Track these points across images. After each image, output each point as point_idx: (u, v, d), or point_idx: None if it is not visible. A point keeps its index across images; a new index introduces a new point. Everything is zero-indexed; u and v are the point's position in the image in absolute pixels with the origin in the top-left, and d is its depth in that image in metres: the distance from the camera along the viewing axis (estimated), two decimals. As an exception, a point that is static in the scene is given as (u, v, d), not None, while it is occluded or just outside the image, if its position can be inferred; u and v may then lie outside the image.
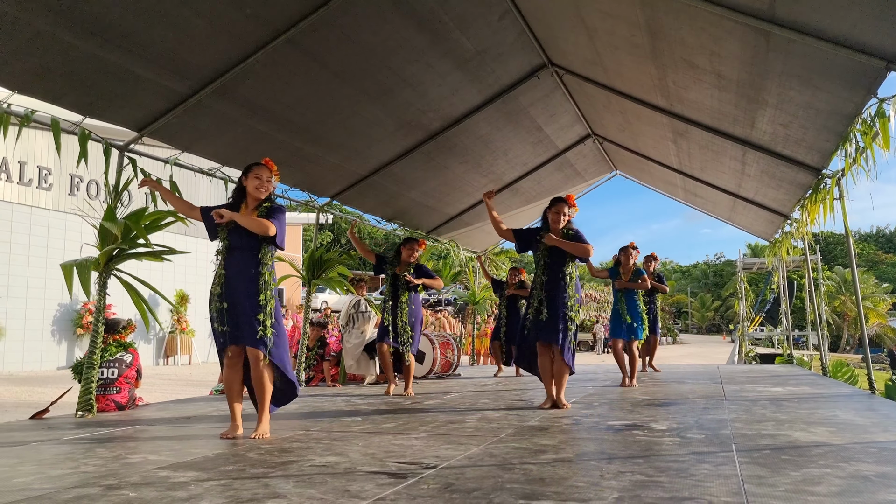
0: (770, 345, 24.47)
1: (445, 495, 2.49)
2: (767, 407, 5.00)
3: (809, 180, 6.74)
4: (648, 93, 6.84)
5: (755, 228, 10.82)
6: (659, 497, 2.40)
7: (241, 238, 4.07)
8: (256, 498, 2.51)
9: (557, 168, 10.39)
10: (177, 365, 17.73)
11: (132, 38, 4.79)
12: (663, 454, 3.24)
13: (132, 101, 5.53)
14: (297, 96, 6.26)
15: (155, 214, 5.55)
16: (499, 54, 6.83)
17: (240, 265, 4.05)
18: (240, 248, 4.07)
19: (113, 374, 5.94)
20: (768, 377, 8.11)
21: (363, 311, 8.29)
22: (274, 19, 5.21)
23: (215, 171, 7.00)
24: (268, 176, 4.19)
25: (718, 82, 5.66)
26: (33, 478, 2.99)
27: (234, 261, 4.07)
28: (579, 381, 8.09)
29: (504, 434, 3.96)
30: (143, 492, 2.65)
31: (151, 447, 3.88)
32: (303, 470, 3.02)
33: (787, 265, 14.45)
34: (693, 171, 8.89)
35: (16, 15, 4.24)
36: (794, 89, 5.08)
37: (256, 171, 4.18)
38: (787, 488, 2.50)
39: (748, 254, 46.17)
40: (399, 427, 4.37)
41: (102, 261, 5.40)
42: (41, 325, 14.92)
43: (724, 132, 6.74)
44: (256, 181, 4.14)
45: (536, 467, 2.97)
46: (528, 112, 8.26)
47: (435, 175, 8.98)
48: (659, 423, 4.23)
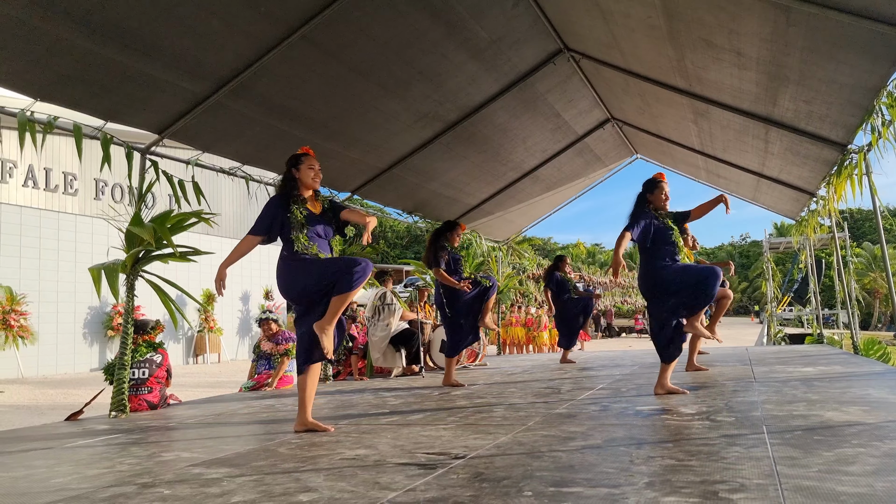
0: (799, 325, 24.15)
1: (475, 485, 2.50)
2: (798, 387, 4.95)
3: (835, 156, 6.62)
4: (667, 74, 6.76)
5: (780, 207, 10.66)
6: (690, 481, 2.38)
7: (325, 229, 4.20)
8: (288, 492, 2.54)
9: (577, 154, 10.32)
10: (206, 363, 17.95)
11: (150, 41, 4.84)
12: (693, 438, 3.21)
13: (152, 105, 5.59)
14: (314, 93, 6.28)
15: (179, 216, 5.62)
16: (514, 42, 6.79)
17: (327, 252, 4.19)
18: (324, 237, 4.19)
19: (144, 375, 6.04)
20: (798, 357, 8.01)
21: (389, 304, 8.32)
22: (288, 17, 5.23)
23: (236, 169, 7.06)
24: (318, 165, 4.26)
25: (738, 60, 5.58)
26: (70, 478, 3.06)
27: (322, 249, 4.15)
28: (606, 367, 8.06)
29: (532, 422, 3.96)
30: (178, 489, 2.70)
31: (184, 445, 3.94)
32: (333, 463, 3.04)
33: (815, 243, 14.24)
34: (715, 151, 8.78)
35: (35, 24, 4.29)
36: (816, 64, 4.99)
37: (309, 161, 4.23)
38: (820, 469, 2.47)
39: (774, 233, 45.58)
40: (427, 418, 4.39)
41: (129, 263, 5.48)
42: (73, 328, 15.18)
43: (746, 111, 6.65)
44: (311, 171, 4.21)
45: (566, 454, 2.97)
46: (545, 99, 8.21)
47: (454, 165, 8.97)
48: (688, 407, 4.20)
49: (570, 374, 7.19)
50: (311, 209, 4.19)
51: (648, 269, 4.98)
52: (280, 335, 7.84)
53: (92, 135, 5.46)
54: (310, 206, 4.19)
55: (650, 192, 5.12)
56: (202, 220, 5.69)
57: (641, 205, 5.12)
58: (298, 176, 4.19)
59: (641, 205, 5.12)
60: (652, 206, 5.10)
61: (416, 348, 8.28)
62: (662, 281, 4.91)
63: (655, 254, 4.95)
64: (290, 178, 4.21)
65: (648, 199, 5.12)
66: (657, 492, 2.26)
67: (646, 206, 5.09)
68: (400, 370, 8.36)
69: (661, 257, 4.94)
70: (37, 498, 2.68)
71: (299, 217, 4.08)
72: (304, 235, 4.07)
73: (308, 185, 4.22)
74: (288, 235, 4.10)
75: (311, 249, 4.05)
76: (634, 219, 4.95)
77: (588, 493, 2.29)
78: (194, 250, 5.67)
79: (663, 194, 5.11)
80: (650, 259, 4.97)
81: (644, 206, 5.09)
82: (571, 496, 2.27)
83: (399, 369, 8.36)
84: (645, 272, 5.02)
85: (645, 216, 4.98)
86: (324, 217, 4.23)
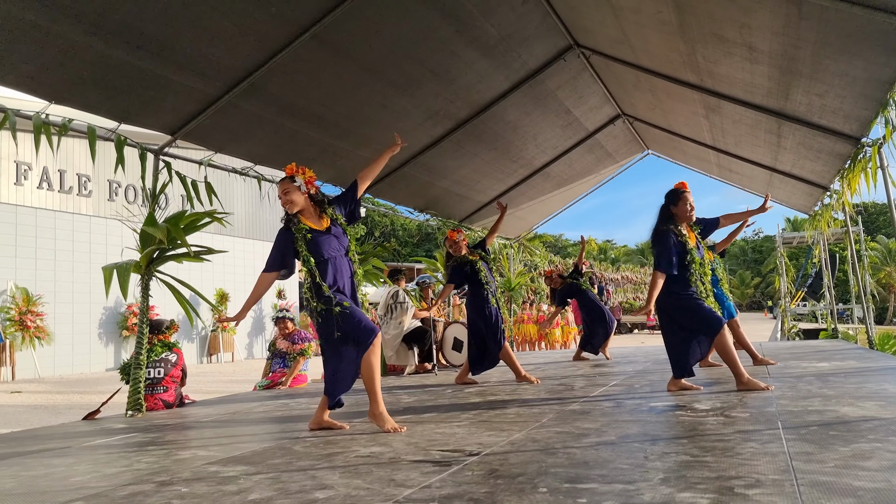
0: (813, 320, 24.02)
1: (490, 481, 2.51)
2: (813, 383, 4.92)
3: (849, 150, 6.58)
4: (678, 69, 6.73)
5: (794, 202, 10.60)
6: (705, 477, 2.38)
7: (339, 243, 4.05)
8: (304, 490, 2.56)
9: (588, 150, 10.30)
10: (220, 363, 18.05)
11: (162, 43, 4.88)
12: (708, 434, 3.21)
13: (164, 106, 5.63)
14: (325, 92, 6.30)
15: (192, 216, 5.66)
16: (524, 39, 6.78)
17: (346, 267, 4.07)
18: (338, 253, 4.03)
19: (159, 374, 6.09)
20: (813, 352, 7.97)
21: (401, 302, 8.34)
22: (299, 17, 5.25)
23: (248, 170, 7.10)
24: (284, 188, 4.01)
25: (750, 55, 5.55)
26: (89, 476, 3.09)
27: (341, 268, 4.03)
28: (619, 363, 8.05)
29: (546, 419, 3.96)
30: (195, 487, 2.72)
31: (200, 443, 3.97)
32: (348, 461, 3.06)
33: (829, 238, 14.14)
34: (727, 146, 8.73)
35: (49, 27, 4.34)
36: (829, 57, 4.96)
37: (280, 187, 4.04)
38: (836, 464, 2.46)
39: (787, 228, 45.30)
40: (441, 416, 4.40)
41: (144, 263, 5.52)
42: (88, 328, 15.31)
43: (758, 105, 6.61)
44: (282, 198, 4.00)
45: (580, 451, 2.97)
46: (555, 95, 8.20)
47: (465, 163, 8.98)
48: (702, 403, 4.19)
49: (582, 371, 7.19)
50: (315, 226, 4.01)
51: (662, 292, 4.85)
52: (296, 334, 7.88)
53: (106, 136, 5.51)
54: (311, 224, 4.01)
55: (674, 204, 4.93)
56: (215, 219, 5.73)
57: (665, 220, 4.93)
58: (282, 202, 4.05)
59: (665, 220, 4.93)
60: (677, 218, 4.92)
61: (429, 346, 8.30)
62: (669, 308, 4.87)
63: (673, 277, 4.81)
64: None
65: (673, 212, 4.93)
66: (672, 487, 2.27)
67: (670, 221, 4.92)
68: (413, 368, 8.38)
69: (676, 281, 4.81)
70: (57, 496, 2.72)
71: (303, 243, 3.93)
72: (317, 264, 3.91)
73: (288, 208, 4.01)
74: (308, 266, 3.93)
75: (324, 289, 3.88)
76: (662, 248, 4.78)
77: (603, 489, 2.30)
78: (208, 249, 5.71)
79: (688, 205, 4.91)
80: (668, 282, 4.82)
81: (668, 221, 4.92)
82: (586, 492, 2.27)
83: (412, 367, 8.38)
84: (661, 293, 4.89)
85: (668, 239, 4.81)
86: (333, 228, 4.07)
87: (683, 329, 4.83)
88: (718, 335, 4.70)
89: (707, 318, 4.74)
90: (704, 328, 4.74)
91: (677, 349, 4.88)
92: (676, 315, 4.86)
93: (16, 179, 14.12)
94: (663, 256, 4.78)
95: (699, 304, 4.81)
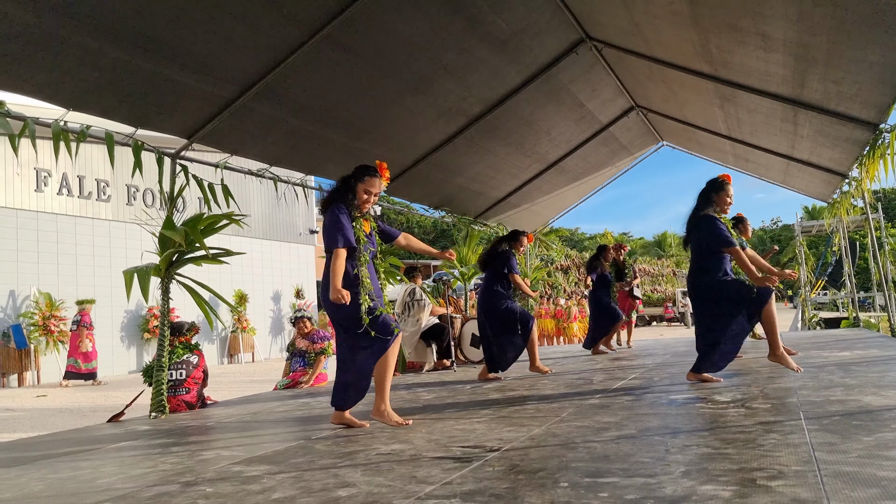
0: (834, 308, 23.77)
1: (511, 476, 2.52)
2: (835, 372, 4.88)
3: (867, 136, 6.50)
4: (691, 60, 6.68)
5: (812, 190, 10.49)
6: (727, 469, 2.38)
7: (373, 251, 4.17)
8: (327, 488, 2.58)
9: (602, 143, 10.26)
10: (240, 363, 18.19)
11: (177, 48, 4.92)
12: (729, 426, 3.20)
13: (180, 110, 5.68)
14: (339, 92, 6.33)
15: (210, 218, 5.71)
16: (535, 33, 6.77)
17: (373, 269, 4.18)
18: (370, 259, 4.15)
19: (181, 376, 6.15)
20: (834, 342, 7.90)
21: (418, 300, 8.36)
22: (310, 18, 5.27)
23: (264, 171, 7.14)
24: (378, 190, 4.10)
25: (764, 43, 5.50)
26: (116, 478, 3.14)
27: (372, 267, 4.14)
28: (637, 356, 8.02)
29: (565, 414, 3.97)
30: (219, 487, 2.76)
31: (223, 443, 4.02)
32: (370, 459, 3.08)
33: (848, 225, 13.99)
34: (742, 135, 8.66)
35: (65, 35, 4.39)
36: (845, 44, 4.90)
37: (370, 183, 4.05)
38: (860, 454, 2.45)
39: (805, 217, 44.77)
40: (460, 412, 4.41)
41: (163, 266, 5.58)
42: (110, 331, 15.49)
43: (773, 94, 6.55)
44: (366, 196, 4.05)
45: (600, 445, 2.97)
46: (568, 89, 8.17)
47: (479, 159, 8.98)
48: (722, 395, 4.17)
49: (601, 365, 7.17)
50: (364, 225, 4.09)
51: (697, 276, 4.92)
52: (315, 334, 7.94)
53: (123, 142, 5.57)
54: (364, 223, 4.10)
55: (716, 192, 5.01)
56: (232, 221, 5.77)
57: (706, 204, 4.99)
58: (355, 189, 4.06)
59: (706, 204, 4.99)
60: (716, 206, 4.99)
61: (447, 343, 8.32)
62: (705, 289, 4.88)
63: (710, 261, 4.86)
64: (349, 187, 4.08)
65: (713, 199, 5.00)
66: (694, 480, 2.26)
67: (710, 207, 4.97)
68: (431, 365, 8.40)
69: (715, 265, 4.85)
70: (85, 498, 2.76)
71: (360, 234, 4.01)
72: (365, 255, 4.02)
73: (358, 207, 4.07)
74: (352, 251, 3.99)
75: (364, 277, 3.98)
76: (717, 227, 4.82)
77: (624, 483, 2.30)
78: (226, 251, 5.75)
79: (728, 196, 5.01)
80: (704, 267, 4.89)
81: (709, 206, 4.98)
82: (608, 486, 2.28)
83: (430, 364, 8.40)
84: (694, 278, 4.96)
85: (718, 220, 4.87)
86: (372, 237, 4.17)
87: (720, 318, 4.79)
88: (767, 304, 4.70)
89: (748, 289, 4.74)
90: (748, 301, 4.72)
91: (705, 338, 4.87)
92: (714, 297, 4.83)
93: (36, 186, 14.29)
94: (723, 233, 4.80)
95: (740, 281, 4.85)
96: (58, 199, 14.69)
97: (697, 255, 4.95)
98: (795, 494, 2.03)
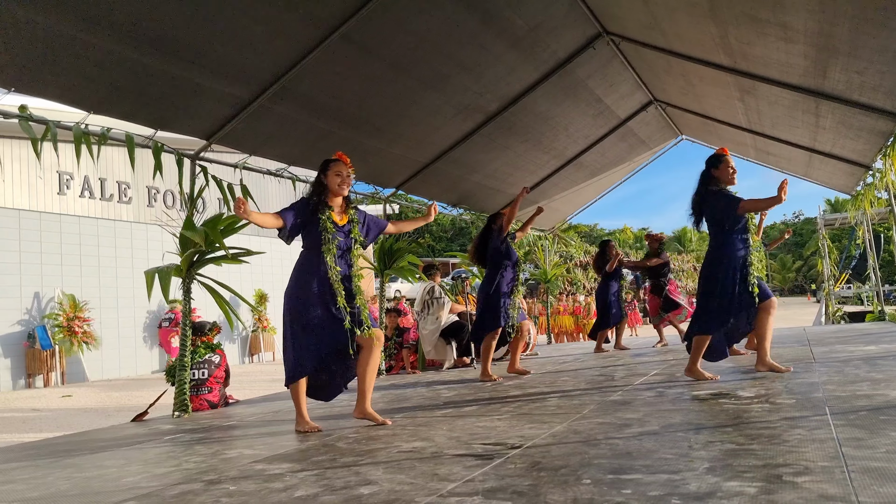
0: (859, 302, 23.45)
1: (533, 474, 2.51)
2: (861, 367, 4.81)
3: (891, 127, 6.40)
4: (710, 52, 6.62)
5: (834, 182, 10.36)
6: (752, 465, 2.35)
7: (346, 241, 4.16)
8: (349, 485, 2.59)
9: (621, 138, 10.19)
10: (261, 362, 18.30)
11: (195, 50, 4.95)
12: (753, 421, 3.16)
13: (199, 111, 5.72)
14: (356, 91, 6.34)
15: (230, 219, 5.75)
16: (552, 28, 6.73)
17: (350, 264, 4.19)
18: (343, 249, 4.15)
19: (203, 375, 6.20)
20: (859, 336, 7.79)
21: (437, 298, 8.36)
22: (327, 17, 5.28)
23: (282, 171, 7.18)
24: (347, 171, 4.20)
25: (784, 34, 5.43)
26: (140, 477, 3.17)
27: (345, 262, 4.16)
28: (658, 352, 7.96)
29: (587, 410, 3.95)
30: (242, 485, 2.77)
31: (245, 442, 4.04)
32: (391, 456, 3.09)
33: (872, 218, 13.79)
34: (763, 128, 8.56)
35: (85, 39, 4.43)
36: (868, 33, 4.83)
37: (336, 167, 4.17)
38: (888, 449, 2.41)
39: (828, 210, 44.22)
40: (481, 409, 4.41)
41: (184, 267, 5.62)
42: (133, 332, 15.63)
43: (794, 85, 6.47)
44: (338, 178, 4.14)
45: (622, 441, 2.95)
46: (586, 84, 8.12)
47: (497, 156, 8.96)
48: (746, 391, 4.13)
49: (622, 361, 7.13)
50: (336, 219, 4.14)
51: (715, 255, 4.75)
52: None
53: (143, 144, 5.62)
54: (334, 216, 4.13)
55: (715, 167, 4.81)
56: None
57: (708, 183, 4.80)
58: (326, 182, 4.16)
59: (708, 183, 4.80)
60: (720, 182, 4.78)
61: (467, 340, 8.31)
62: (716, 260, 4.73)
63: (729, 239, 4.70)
64: (318, 184, 4.20)
65: (715, 176, 4.80)
66: (718, 477, 2.24)
67: (713, 184, 4.78)
68: (451, 363, 8.40)
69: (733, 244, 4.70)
70: (110, 497, 2.79)
71: (328, 227, 4.06)
72: (332, 248, 4.05)
73: (335, 192, 4.16)
74: (312, 244, 4.11)
75: (333, 271, 4.04)
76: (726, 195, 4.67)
77: (648, 480, 2.28)
78: (246, 251, 5.78)
79: (730, 168, 4.78)
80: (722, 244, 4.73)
81: (711, 184, 4.79)
82: (631, 483, 2.26)
83: (450, 362, 8.40)
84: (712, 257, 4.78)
85: (727, 193, 4.70)
86: (347, 228, 4.18)
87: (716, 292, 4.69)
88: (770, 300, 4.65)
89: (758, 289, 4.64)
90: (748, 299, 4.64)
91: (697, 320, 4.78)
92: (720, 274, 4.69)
93: (59, 189, 14.47)
94: (732, 197, 4.67)
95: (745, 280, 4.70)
96: (80, 201, 14.85)
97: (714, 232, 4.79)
98: (823, 490, 2.00)
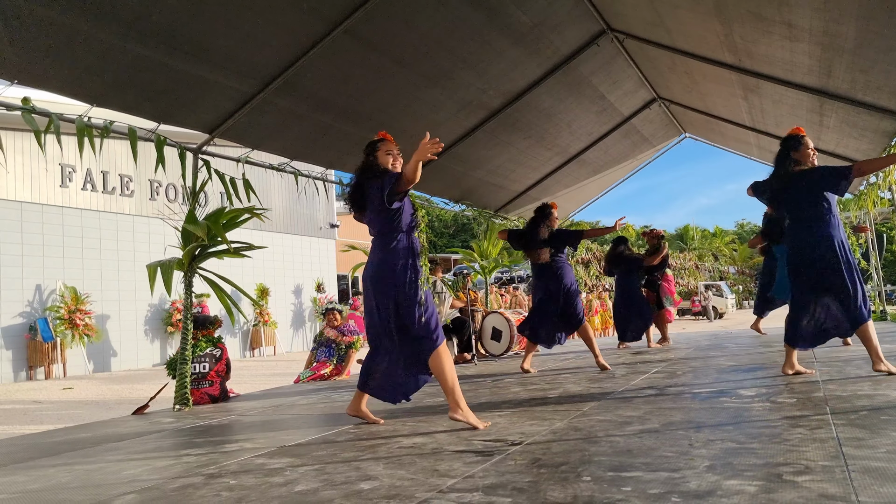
0: (861, 302, 23.37)
1: (533, 470, 2.51)
2: (862, 367, 4.81)
3: (895, 127, 6.39)
4: (714, 50, 6.60)
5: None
6: (752, 464, 2.35)
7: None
8: (349, 481, 2.59)
9: (624, 136, 10.18)
10: (262, 357, 18.33)
11: (198, 43, 4.95)
12: (754, 420, 3.16)
13: (202, 105, 5.72)
14: (359, 86, 6.33)
15: (232, 213, 5.74)
16: (556, 25, 6.72)
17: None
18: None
19: (205, 369, 6.21)
20: (861, 336, 7.76)
21: (439, 293, 8.37)
22: (330, 11, 5.27)
23: (285, 165, 7.18)
24: (396, 148, 4.06)
25: (789, 32, 5.41)
26: (141, 469, 3.17)
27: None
28: (660, 350, 7.96)
29: (587, 407, 3.95)
30: (243, 479, 2.78)
31: (246, 436, 4.05)
32: (392, 452, 3.09)
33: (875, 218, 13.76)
34: (767, 127, 8.54)
35: (88, 31, 4.43)
36: (873, 32, 4.81)
37: (384, 146, 3.99)
38: (888, 449, 2.41)
39: (832, 209, 44.06)
40: (482, 406, 4.41)
41: (186, 261, 5.63)
42: (134, 325, 15.67)
43: (799, 84, 6.45)
44: (389, 157, 4.02)
45: (623, 439, 2.95)
46: (589, 81, 8.11)
47: (500, 153, 8.95)
48: (747, 389, 4.13)
49: (624, 359, 7.13)
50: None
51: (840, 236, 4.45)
52: (345, 326, 8.06)
53: (146, 137, 5.61)
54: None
55: (795, 149, 4.56)
56: (254, 215, 5.80)
57: (787, 164, 4.53)
58: (378, 162, 3.97)
59: (787, 164, 4.53)
60: (801, 164, 4.52)
61: (468, 336, 8.31)
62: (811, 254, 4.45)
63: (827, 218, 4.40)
64: (371, 166, 3.98)
65: (793, 158, 4.54)
66: (719, 475, 2.24)
67: (792, 165, 4.51)
68: (452, 359, 8.40)
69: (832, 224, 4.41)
70: (111, 489, 2.79)
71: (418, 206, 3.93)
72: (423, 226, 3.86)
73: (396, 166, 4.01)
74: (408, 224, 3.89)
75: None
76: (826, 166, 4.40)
77: (648, 478, 2.28)
78: (248, 245, 5.79)
79: (809, 149, 4.55)
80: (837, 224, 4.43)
81: (790, 166, 4.52)
82: (631, 480, 2.26)
83: (451, 358, 8.40)
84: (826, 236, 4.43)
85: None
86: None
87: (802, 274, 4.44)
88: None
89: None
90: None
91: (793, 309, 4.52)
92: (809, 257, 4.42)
93: (61, 182, 14.48)
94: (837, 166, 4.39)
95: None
96: (82, 194, 14.87)
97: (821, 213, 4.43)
98: (823, 490, 1.99)
